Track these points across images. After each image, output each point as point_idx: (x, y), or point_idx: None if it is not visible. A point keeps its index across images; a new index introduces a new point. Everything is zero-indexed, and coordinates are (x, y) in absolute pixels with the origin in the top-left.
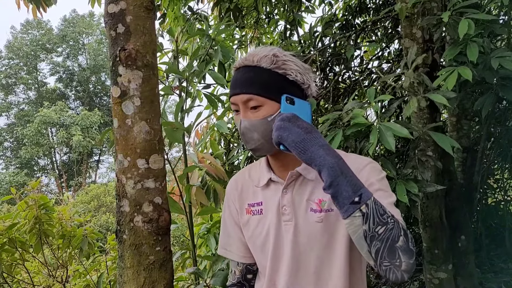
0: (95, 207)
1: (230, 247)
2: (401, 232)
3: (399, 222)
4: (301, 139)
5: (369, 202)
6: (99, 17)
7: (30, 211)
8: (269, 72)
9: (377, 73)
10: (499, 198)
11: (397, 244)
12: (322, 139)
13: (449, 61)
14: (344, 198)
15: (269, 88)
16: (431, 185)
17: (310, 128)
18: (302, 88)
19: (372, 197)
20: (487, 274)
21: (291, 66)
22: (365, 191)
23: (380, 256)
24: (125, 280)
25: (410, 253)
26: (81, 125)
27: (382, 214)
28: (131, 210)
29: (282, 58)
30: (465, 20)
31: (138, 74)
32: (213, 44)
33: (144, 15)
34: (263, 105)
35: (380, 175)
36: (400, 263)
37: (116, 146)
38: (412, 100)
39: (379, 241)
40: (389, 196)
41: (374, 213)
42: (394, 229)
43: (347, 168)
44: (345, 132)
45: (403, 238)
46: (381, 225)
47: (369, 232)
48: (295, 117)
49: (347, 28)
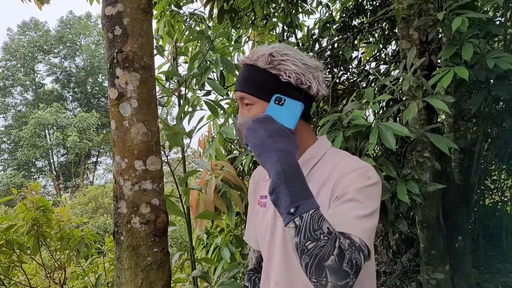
0: (93, 209)
1: (250, 235)
2: (333, 251)
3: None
4: (260, 143)
5: (304, 215)
6: (96, 18)
7: (28, 213)
8: (263, 72)
9: (374, 75)
10: (496, 199)
11: (325, 263)
12: (284, 143)
13: (444, 61)
14: (282, 207)
15: (260, 88)
16: (432, 184)
17: (276, 132)
18: (301, 89)
19: (311, 210)
20: (484, 274)
21: (287, 66)
22: (305, 203)
23: (308, 271)
24: (123, 281)
25: (341, 274)
26: (78, 127)
27: (316, 230)
28: (129, 212)
29: (279, 58)
30: (459, 18)
31: (136, 76)
32: (212, 46)
33: (141, 17)
34: (254, 104)
35: (363, 183)
36: (326, 282)
37: (114, 147)
38: (412, 105)
39: (308, 256)
40: (361, 208)
41: (307, 227)
42: (325, 246)
43: (294, 176)
44: (345, 133)
45: (335, 258)
46: (311, 240)
47: (299, 246)
48: (266, 120)
49: (345, 29)
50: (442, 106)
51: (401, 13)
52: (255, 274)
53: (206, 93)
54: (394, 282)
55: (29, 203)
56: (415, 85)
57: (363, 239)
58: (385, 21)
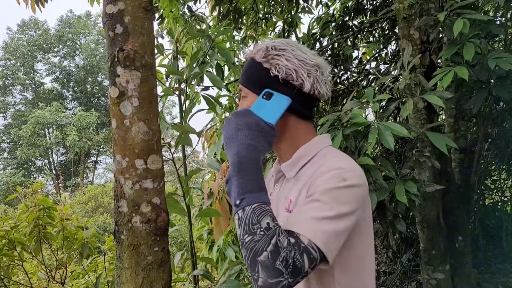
0: (93, 208)
1: None
2: (267, 247)
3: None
4: (229, 135)
5: (247, 208)
6: (95, 17)
7: (30, 213)
8: (258, 65)
9: (374, 74)
10: (496, 199)
11: (258, 258)
12: (249, 138)
13: (445, 61)
14: (232, 198)
15: (252, 81)
16: (430, 185)
17: (246, 125)
18: (293, 85)
19: (254, 204)
20: (484, 274)
21: (279, 61)
22: (250, 196)
23: (246, 264)
24: (123, 280)
25: (272, 272)
26: (78, 126)
27: (254, 224)
28: (129, 211)
29: (274, 52)
30: (460, 20)
31: (136, 74)
32: (212, 45)
33: (142, 15)
34: (247, 96)
35: (334, 185)
36: (257, 277)
37: (114, 146)
38: (409, 102)
39: (245, 249)
40: (323, 210)
41: (247, 220)
42: (260, 242)
43: (247, 169)
44: (344, 132)
45: (268, 254)
46: (248, 233)
47: (240, 238)
48: (243, 113)
49: (345, 29)
50: (438, 101)
51: (402, 13)
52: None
53: (205, 88)
54: (394, 282)
55: (31, 204)
56: (412, 83)
57: (314, 241)
58: (386, 20)
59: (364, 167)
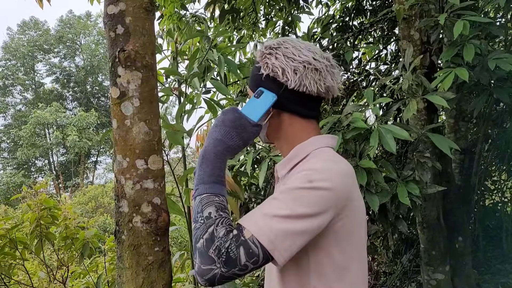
0: (93, 208)
1: None
2: (204, 235)
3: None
4: (211, 131)
5: (197, 198)
6: (95, 18)
7: (32, 214)
8: (255, 66)
9: (375, 75)
10: (496, 200)
11: (197, 244)
12: (221, 133)
13: (446, 62)
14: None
15: (251, 81)
16: (432, 187)
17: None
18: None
19: (204, 194)
20: (484, 275)
21: (268, 60)
22: (202, 187)
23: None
24: (124, 280)
25: (206, 259)
26: (78, 126)
27: (198, 212)
28: (130, 211)
29: (267, 51)
30: (460, 21)
31: (137, 75)
32: (212, 46)
33: (143, 16)
34: (249, 96)
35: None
36: (195, 262)
37: (115, 146)
38: (412, 103)
39: (193, 236)
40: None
41: (194, 209)
42: (199, 229)
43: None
44: (345, 136)
45: (204, 241)
46: (194, 221)
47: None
48: (227, 111)
49: (345, 29)
50: (441, 101)
51: (402, 13)
52: None
53: (206, 92)
54: (394, 283)
55: (34, 204)
56: (414, 83)
57: (258, 236)
58: (386, 21)
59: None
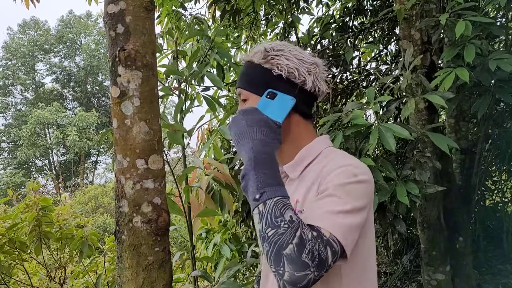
0: (93, 208)
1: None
2: (293, 240)
3: (302, 230)
4: (240, 132)
5: (268, 202)
6: (96, 17)
7: (30, 213)
8: (257, 67)
9: (375, 74)
10: (497, 200)
11: (284, 251)
12: (262, 133)
13: (447, 62)
14: (249, 194)
15: (253, 83)
16: (431, 186)
17: (256, 122)
18: (295, 83)
19: (276, 197)
20: (484, 275)
21: (280, 61)
22: (270, 190)
23: (269, 259)
24: (124, 280)
25: (299, 265)
26: (78, 126)
27: (277, 217)
28: (130, 211)
29: (273, 53)
30: (462, 21)
31: (138, 74)
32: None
33: (143, 15)
34: (248, 99)
35: (346, 180)
36: (283, 272)
37: (115, 146)
38: (410, 101)
39: (268, 244)
40: (339, 204)
41: (269, 214)
42: (284, 234)
43: (264, 164)
44: (345, 133)
45: (294, 247)
46: (271, 227)
47: (261, 233)
48: (251, 111)
49: (345, 29)
50: (440, 101)
51: (403, 13)
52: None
53: (205, 89)
54: (395, 283)
55: (31, 203)
56: (414, 83)
57: (335, 234)
58: (386, 21)
59: None
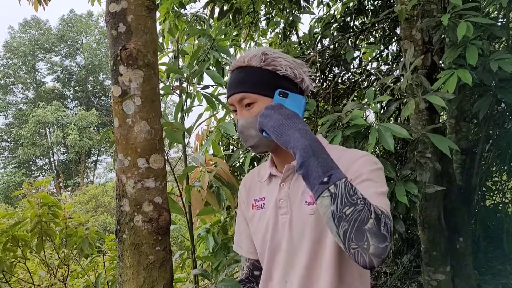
0: (93, 207)
1: (241, 243)
2: (371, 214)
3: (373, 206)
4: (279, 124)
5: (338, 182)
6: (97, 17)
7: (33, 210)
8: (260, 70)
9: (376, 75)
10: (497, 200)
11: (365, 226)
12: (302, 124)
13: (448, 63)
14: (314, 179)
15: (260, 85)
16: (431, 186)
17: (291, 115)
18: (295, 82)
19: (343, 178)
20: (485, 276)
21: (281, 62)
22: (336, 172)
23: (348, 238)
24: (125, 279)
25: (381, 237)
26: (78, 125)
27: (352, 195)
28: (131, 210)
29: (272, 56)
30: (464, 23)
31: (139, 73)
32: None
33: (145, 14)
34: (256, 102)
35: (373, 167)
36: (368, 246)
37: (117, 145)
38: (410, 102)
39: (347, 222)
40: (378, 186)
41: (343, 193)
42: (363, 210)
43: (320, 150)
44: (344, 133)
45: (374, 221)
46: (348, 205)
47: (337, 213)
48: (279, 105)
49: (346, 29)
50: (440, 102)
51: (404, 14)
52: (247, 284)
53: (205, 87)
54: (395, 283)
55: (34, 200)
56: (414, 83)
57: (387, 210)
58: (387, 21)
59: None
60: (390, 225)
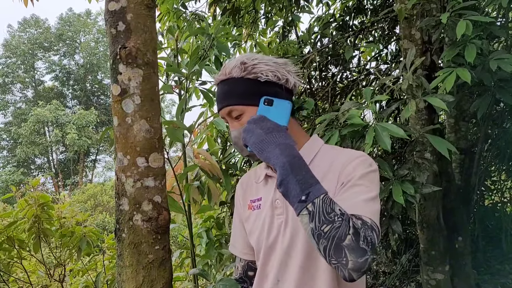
0: (92, 206)
1: (236, 244)
2: (349, 230)
3: (352, 220)
4: (260, 140)
5: (316, 200)
6: (95, 16)
7: (29, 209)
8: (242, 80)
9: (375, 74)
10: (496, 200)
11: (343, 243)
12: (283, 138)
13: (447, 62)
14: (292, 197)
15: (245, 96)
16: (427, 187)
17: (272, 129)
18: (280, 84)
19: (322, 194)
20: (483, 275)
21: (261, 68)
22: (314, 189)
23: (328, 254)
24: (124, 278)
25: (359, 252)
26: (77, 124)
27: (329, 213)
28: (131, 209)
29: (251, 63)
30: (463, 21)
31: (139, 72)
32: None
33: (144, 13)
34: (244, 113)
35: (367, 169)
36: (346, 261)
37: (116, 144)
38: (411, 103)
39: (325, 239)
40: (367, 192)
41: (320, 212)
42: (340, 227)
43: (299, 166)
44: (341, 132)
45: (351, 237)
46: (326, 223)
47: (316, 230)
48: (261, 119)
49: (345, 28)
50: (440, 104)
51: (403, 13)
52: (241, 283)
53: (202, 83)
54: (394, 282)
55: (31, 200)
56: (414, 84)
57: (373, 219)
58: (386, 20)
59: None
60: (371, 237)
